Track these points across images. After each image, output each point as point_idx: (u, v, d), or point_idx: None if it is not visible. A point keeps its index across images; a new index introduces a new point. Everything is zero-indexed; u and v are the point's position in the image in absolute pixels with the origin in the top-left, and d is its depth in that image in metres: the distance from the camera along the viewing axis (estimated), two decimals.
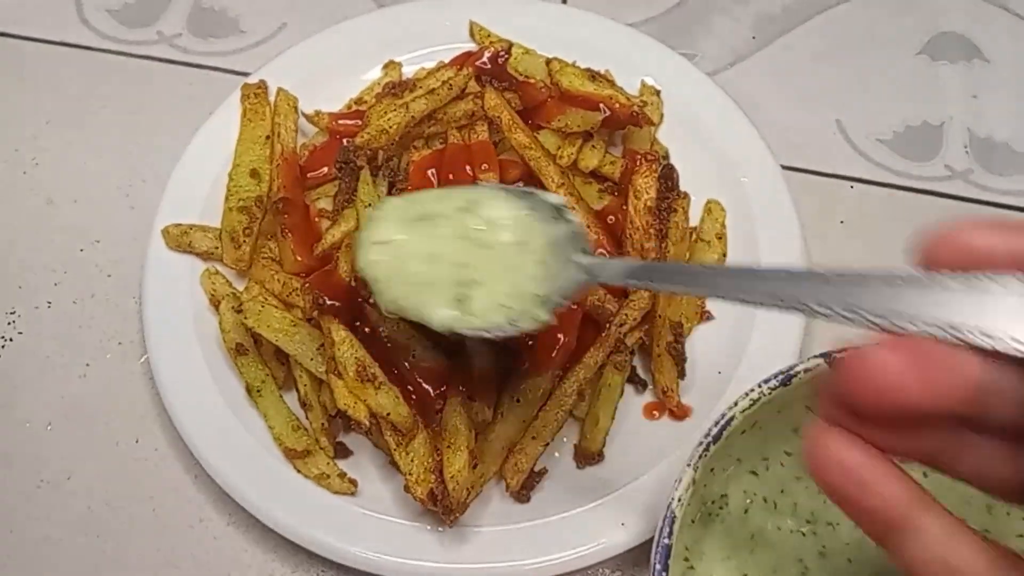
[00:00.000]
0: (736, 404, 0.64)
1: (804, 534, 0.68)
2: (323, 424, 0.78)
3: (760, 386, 0.65)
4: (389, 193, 0.86)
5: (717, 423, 0.63)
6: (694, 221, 0.90)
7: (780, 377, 0.65)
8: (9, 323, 0.90)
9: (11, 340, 0.89)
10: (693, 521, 0.67)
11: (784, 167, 0.93)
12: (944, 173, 0.99)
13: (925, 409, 0.38)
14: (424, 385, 0.76)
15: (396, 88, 0.92)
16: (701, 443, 0.63)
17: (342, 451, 0.79)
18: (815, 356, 0.66)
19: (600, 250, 0.82)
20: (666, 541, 0.60)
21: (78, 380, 0.87)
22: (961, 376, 0.37)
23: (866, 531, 0.42)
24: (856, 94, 1.05)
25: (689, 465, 0.63)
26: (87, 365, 0.88)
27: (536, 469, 0.77)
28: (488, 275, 0.65)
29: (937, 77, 1.06)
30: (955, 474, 0.43)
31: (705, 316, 0.86)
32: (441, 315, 0.64)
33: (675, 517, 0.61)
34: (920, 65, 1.07)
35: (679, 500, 0.61)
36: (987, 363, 0.37)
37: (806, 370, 0.65)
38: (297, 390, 0.80)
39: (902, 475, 0.41)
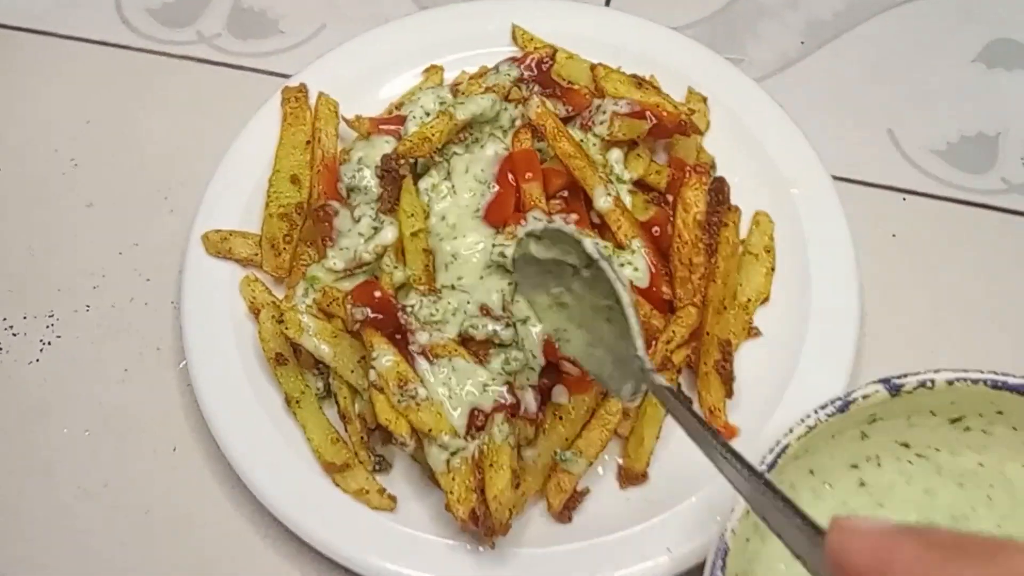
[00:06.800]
0: (791, 431, 0.62)
1: None
2: (362, 437, 0.77)
3: (816, 412, 0.63)
4: None
5: (772, 450, 0.61)
6: (742, 233, 0.87)
7: (838, 403, 0.63)
8: (48, 326, 0.90)
9: (49, 344, 0.89)
10: (748, 540, 0.65)
11: (834, 178, 0.90)
12: (1000, 186, 0.96)
13: None
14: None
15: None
16: None
17: (381, 465, 0.78)
18: (874, 382, 0.63)
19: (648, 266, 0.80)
20: (719, 575, 0.58)
21: (116, 385, 0.86)
22: None
23: None
24: (908, 103, 1.01)
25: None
26: (125, 370, 0.87)
27: (579, 489, 0.76)
28: None
29: (993, 85, 1.03)
30: None
31: (753, 332, 0.83)
32: None
33: (728, 549, 0.59)
34: (975, 73, 1.04)
35: (732, 531, 0.59)
36: None
37: (864, 396, 0.63)
38: (336, 403, 0.79)
39: None
